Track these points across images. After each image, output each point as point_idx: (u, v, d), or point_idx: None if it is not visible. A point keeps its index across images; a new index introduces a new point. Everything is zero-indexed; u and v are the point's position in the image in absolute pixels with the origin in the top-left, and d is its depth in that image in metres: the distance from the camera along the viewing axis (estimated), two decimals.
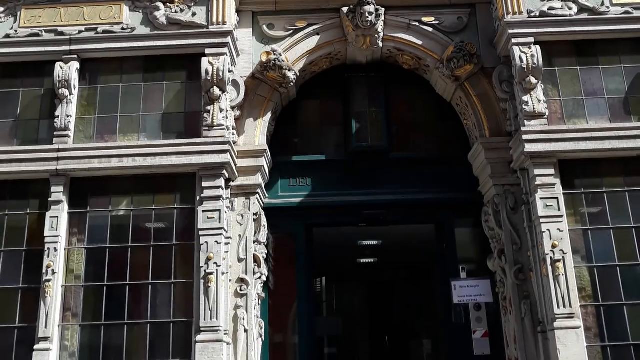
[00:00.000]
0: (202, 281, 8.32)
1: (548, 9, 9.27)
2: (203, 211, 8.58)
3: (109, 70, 9.45)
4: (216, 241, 8.46)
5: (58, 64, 9.18)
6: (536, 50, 8.97)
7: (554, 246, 8.27)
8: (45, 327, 8.24)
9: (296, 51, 9.77)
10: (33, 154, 8.83)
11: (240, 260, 8.93)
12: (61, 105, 9.07)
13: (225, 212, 8.72)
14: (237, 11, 9.79)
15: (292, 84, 9.59)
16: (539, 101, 8.86)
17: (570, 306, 8.07)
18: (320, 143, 10.34)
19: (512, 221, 8.99)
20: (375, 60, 10.24)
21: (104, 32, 9.39)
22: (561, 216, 8.43)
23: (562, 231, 8.36)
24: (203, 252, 8.41)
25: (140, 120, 9.19)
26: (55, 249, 8.51)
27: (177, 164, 8.74)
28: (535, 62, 8.89)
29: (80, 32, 9.39)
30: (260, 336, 9.05)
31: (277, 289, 9.79)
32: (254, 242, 9.08)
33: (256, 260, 9.01)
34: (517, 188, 9.04)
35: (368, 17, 9.37)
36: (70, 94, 9.11)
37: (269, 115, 9.62)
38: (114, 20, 9.46)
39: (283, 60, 9.46)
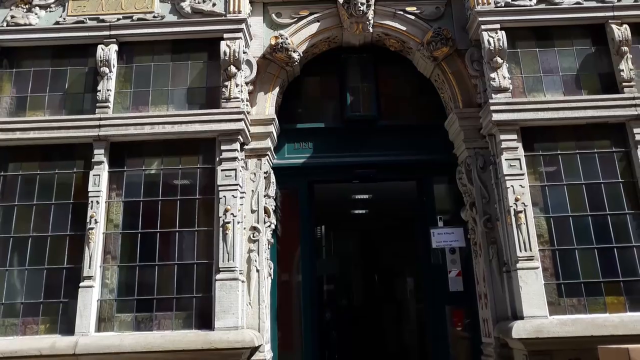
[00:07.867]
0: (220, 229, 8.21)
1: (512, 0, 9.11)
2: (221, 170, 8.45)
3: (142, 51, 9.28)
4: (232, 195, 8.34)
5: (100, 47, 9.03)
6: (502, 34, 8.82)
7: (516, 199, 8.17)
8: (89, 267, 8.14)
9: (300, 36, 9.65)
10: (79, 122, 8.70)
11: (253, 211, 8.84)
12: (102, 81, 8.92)
13: (240, 171, 8.59)
14: (250, 2, 9.62)
15: (296, 63, 9.54)
16: (504, 78, 8.72)
17: (530, 250, 7.98)
18: (320, 113, 10.22)
19: (481, 178, 8.90)
20: (366, 43, 10.10)
21: (138, 19, 9.23)
22: (523, 174, 8.32)
23: (524, 187, 8.26)
24: (222, 204, 8.30)
25: (168, 94, 9.02)
26: (97, 202, 8.40)
27: (200, 131, 8.60)
28: (501, 45, 8.76)
29: (118, 19, 9.22)
30: (270, 275, 9.00)
31: (284, 236, 9.72)
32: (265, 196, 9.00)
33: (266, 211, 8.95)
34: (486, 151, 8.94)
35: (360, 7, 9.30)
36: (110, 71, 8.96)
37: (277, 89, 9.52)
38: (146, 10, 9.30)
39: (289, 44, 9.39)
